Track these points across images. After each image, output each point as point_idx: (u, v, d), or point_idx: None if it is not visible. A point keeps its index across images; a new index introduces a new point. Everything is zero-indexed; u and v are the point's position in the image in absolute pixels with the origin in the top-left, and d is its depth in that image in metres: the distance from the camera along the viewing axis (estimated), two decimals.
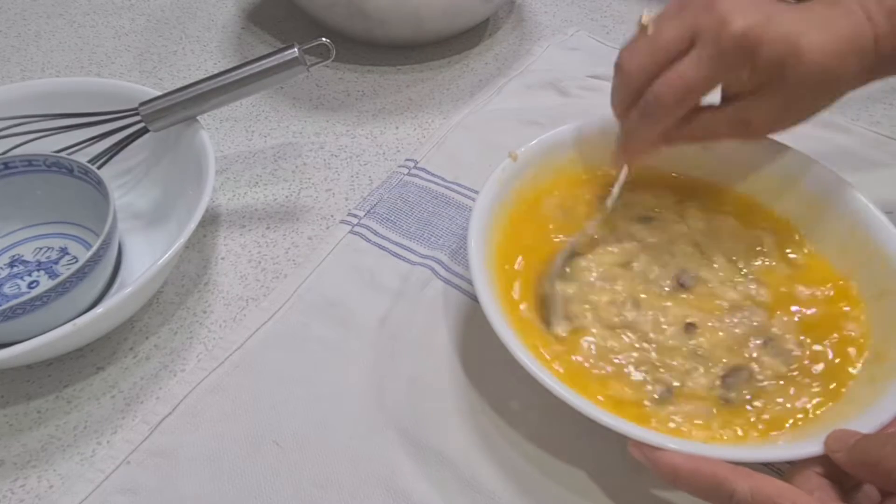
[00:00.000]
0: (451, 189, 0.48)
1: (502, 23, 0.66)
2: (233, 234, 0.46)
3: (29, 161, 0.41)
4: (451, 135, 0.52)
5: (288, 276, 0.43)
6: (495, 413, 0.37)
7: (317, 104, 0.57)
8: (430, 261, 0.43)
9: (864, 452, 0.28)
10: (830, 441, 0.29)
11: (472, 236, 0.36)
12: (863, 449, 0.28)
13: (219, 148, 0.52)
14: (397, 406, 0.37)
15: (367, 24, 0.57)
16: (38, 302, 0.34)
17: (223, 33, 0.64)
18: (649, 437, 0.29)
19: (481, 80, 0.59)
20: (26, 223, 0.43)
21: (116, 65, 0.60)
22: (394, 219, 0.46)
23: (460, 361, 0.39)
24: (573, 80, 0.57)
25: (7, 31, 0.63)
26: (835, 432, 0.29)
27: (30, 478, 0.34)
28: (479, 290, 0.34)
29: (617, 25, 0.66)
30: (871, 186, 0.38)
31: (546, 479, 0.34)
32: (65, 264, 0.42)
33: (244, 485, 0.34)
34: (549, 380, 0.31)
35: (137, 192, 0.47)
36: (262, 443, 0.35)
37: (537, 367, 0.31)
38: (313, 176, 0.50)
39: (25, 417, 0.37)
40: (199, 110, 0.43)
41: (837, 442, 0.29)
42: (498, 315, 0.33)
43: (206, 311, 0.42)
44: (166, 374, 0.39)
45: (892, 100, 0.56)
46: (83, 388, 0.38)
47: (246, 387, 0.37)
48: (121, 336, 0.40)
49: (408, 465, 0.34)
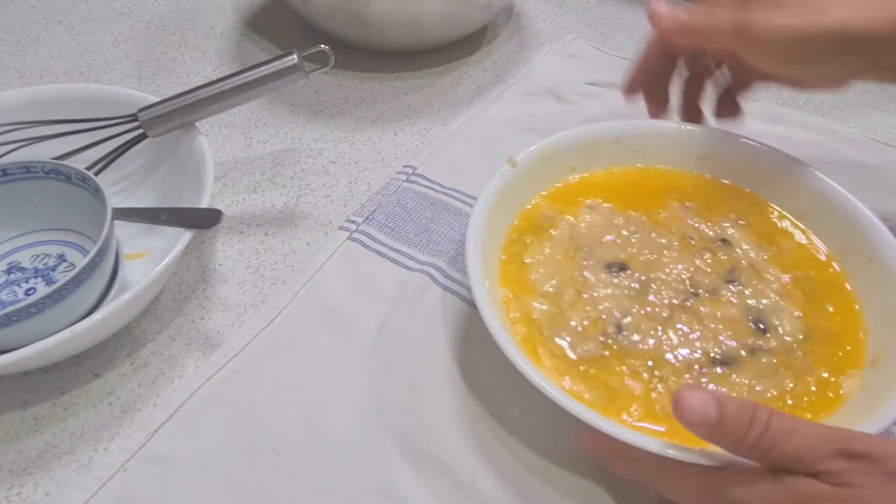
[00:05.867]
0: (450, 195, 0.48)
1: (501, 30, 0.67)
2: (231, 241, 0.46)
3: (27, 168, 0.41)
4: (450, 141, 0.52)
5: (286, 283, 0.43)
6: (494, 420, 0.36)
7: (315, 111, 0.57)
8: (428, 267, 0.43)
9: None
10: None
11: (470, 241, 0.36)
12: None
13: (217, 154, 0.52)
14: (396, 413, 0.37)
15: (366, 31, 0.58)
16: (34, 309, 0.34)
17: (222, 40, 0.65)
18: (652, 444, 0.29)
19: (480, 86, 0.59)
20: (24, 230, 0.43)
21: (115, 71, 0.60)
22: (392, 225, 0.46)
23: (459, 368, 0.39)
24: (571, 87, 0.57)
25: (6, 37, 0.63)
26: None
27: (26, 485, 0.34)
28: (478, 297, 0.34)
29: (615, 33, 0.66)
30: (869, 193, 0.38)
31: (545, 486, 0.34)
32: (62, 271, 0.42)
33: (241, 492, 0.34)
34: (550, 387, 0.31)
35: (136, 197, 0.47)
36: (260, 450, 0.35)
37: (537, 375, 0.31)
38: (312, 182, 0.50)
39: (22, 424, 0.37)
40: (198, 116, 0.43)
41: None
42: (496, 322, 0.33)
43: (204, 318, 0.41)
44: (164, 380, 0.38)
45: (889, 107, 0.56)
46: (80, 395, 0.38)
47: (244, 394, 0.37)
48: (118, 343, 0.40)
49: (406, 472, 0.34)
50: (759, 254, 0.39)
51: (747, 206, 0.41)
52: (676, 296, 0.37)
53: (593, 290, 0.37)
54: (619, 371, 0.34)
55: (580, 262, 0.39)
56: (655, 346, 0.35)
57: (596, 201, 0.42)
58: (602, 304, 0.37)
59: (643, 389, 0.33)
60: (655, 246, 0.39)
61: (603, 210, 0.41)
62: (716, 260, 0.39)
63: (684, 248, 0.39)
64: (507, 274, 0.38)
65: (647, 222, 0.41)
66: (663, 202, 0.42)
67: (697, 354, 0.35)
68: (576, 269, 0.38)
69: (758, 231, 0.40)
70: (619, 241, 0.40)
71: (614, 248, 0.39)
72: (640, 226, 0.41)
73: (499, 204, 0.39)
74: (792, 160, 0.40)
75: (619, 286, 0.37)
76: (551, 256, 0.39)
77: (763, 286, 0.37)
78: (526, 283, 0.38)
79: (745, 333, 0.36)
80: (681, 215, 0.41)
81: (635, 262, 0.39)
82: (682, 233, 0.40)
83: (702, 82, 0.44)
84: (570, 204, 0.42)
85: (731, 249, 0.39)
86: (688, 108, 0.45)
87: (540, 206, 0.41)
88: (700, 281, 0.38)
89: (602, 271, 0.38)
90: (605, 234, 0.40)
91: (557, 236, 0.40)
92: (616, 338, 0.35)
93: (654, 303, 0.37)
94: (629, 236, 0.40)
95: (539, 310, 0.36)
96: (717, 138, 0.42)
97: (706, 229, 0.40)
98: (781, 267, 0.38)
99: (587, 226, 0.40)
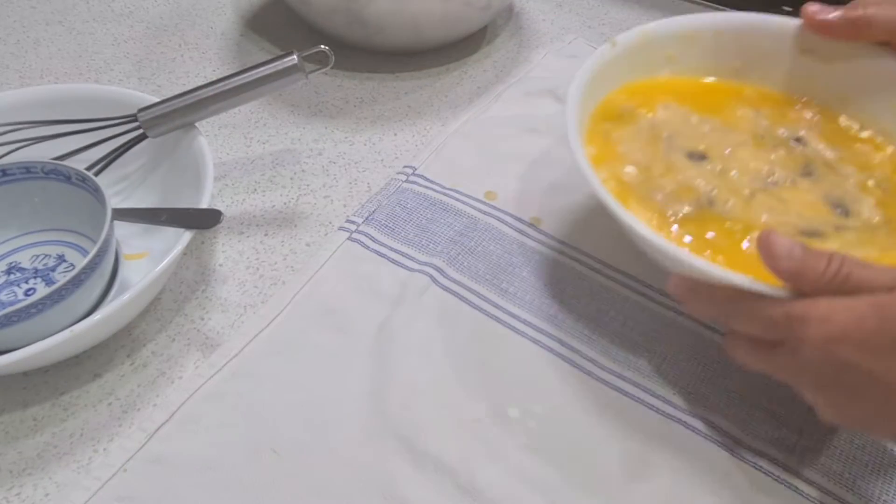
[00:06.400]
0: (450, 196, 0.48)
1: (500, 30, 0.67)
2: (231, 241, 0.46)
3: (27, 168, 0.41)
4: (450, 141, 0.53)
5: (286, 283, 0.43)
6: (494, 420, 0.36)
7: (315, 111, 0.57)
8: (428, 267, 0.43)
9: None
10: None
11: (571, 101, 0.37)
12: None
13: (217, 154, 0.52)
14: (396, 413, 0.37)
15: (366, 32, 0.58)
16: (33, 309, 0.34)
17: (222, 40, 0.65)
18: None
19: (479, 87, 0.59)
20: (24, 230, 0.43)
21: (115, 72, 0.60)
22: (392, 225, 0.46)
23: (459, 368, 0.39)
24: None
25: (6, 38, 0.63)
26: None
27: (25, 486, 0.34)
28: (574, 144, 0.35)
29: (614, 33, 0.66)
30: None
31: (545, 486, 0.34)
32: (62, 271, 0.42)
33: (241, 493, 0.34)
34: (645, 229, 0.32)
35: (135, 198, 0.47)
36: (260, 450, 0.35)
37: (632, 219, 0.32)
38: (312, 182, 0.50)
39: (21, 425, 0.37)
40: (198, 117, 0.43)
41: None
42: (592, 172, 0.34)
43: (204, 318, 0.41)
44: (164, 381, 0.38)
45: None
46: (80, 396, 0.38)
47: (244, 394, 0.37)
48: (118, 343, 0.40)
49: (406, 472, 0.34)
50: (835, 153, 0.40)
51: (824, 119, 0.42)
52: (756, 182, 0.38)
53: (680, 172, 0.39)
54: (709, 228, 0.36)
55: (663, 147, 0.40)
56: (743, 213, 0.37)
57: (671, 103, 0.43)
58: (691, 179, 0.38)
59: (731, 243, 0.35)
60: (731, 142, 0.41)
61: (678, 110, 0.43)
62: (791, 156, 0.40)
63: (759, 145, 0.41)
64: (595, 143, 0.40)
65: (720, 123, 0.42)
66: (738, 108, 0.43)
67: (784, 228, 0.36)
68: (660, 152, 0.40)
69: (833, 138, 0.41)
70: (697, 136, 0.41)
71: (693, 139, 0.41)
72: (714, 125, 0.42)
73: (592, 82, 0.39)
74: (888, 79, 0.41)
75: (698, 171, 0.39)
76: (636, 138, 0.41)
77: (840, 180, 0.39)
78: (614, 154, 0.39)
79: (827, 215, 0.37)
80: (754, 119, 0.42)
81: (713, 153, 0.40)
82: (755, 132, 0.42)
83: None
84: (647, 100, 0.43)
85: (806, 148, 0.41)
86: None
87: (619, 98, 0.43)
88: (777, 172, 0.39)
89: (684, 158, 0.40)
90: (683, 128, 0.42)
91: (639, 125, 0.42)
92: (706, 205, 0.37)
93: (736, 185, 0.38)
94: (705, 132, 0.41)
95: (630, 174, 0.38)
96: (819, 41, 0.42)
97: (782, 132, 0.41)
98: (858, 167, 0.39)
99: (665, 120, 0.42)
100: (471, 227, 0.46)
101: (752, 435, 0.36)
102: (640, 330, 0.41)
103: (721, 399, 0.37)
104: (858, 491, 0.34)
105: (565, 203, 0.48)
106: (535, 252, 0.45)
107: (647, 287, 0.43)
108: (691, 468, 0.35)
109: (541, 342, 0.40)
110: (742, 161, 0.39)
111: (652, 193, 0.37)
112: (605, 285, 0.43)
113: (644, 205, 0.37)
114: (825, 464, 0.35)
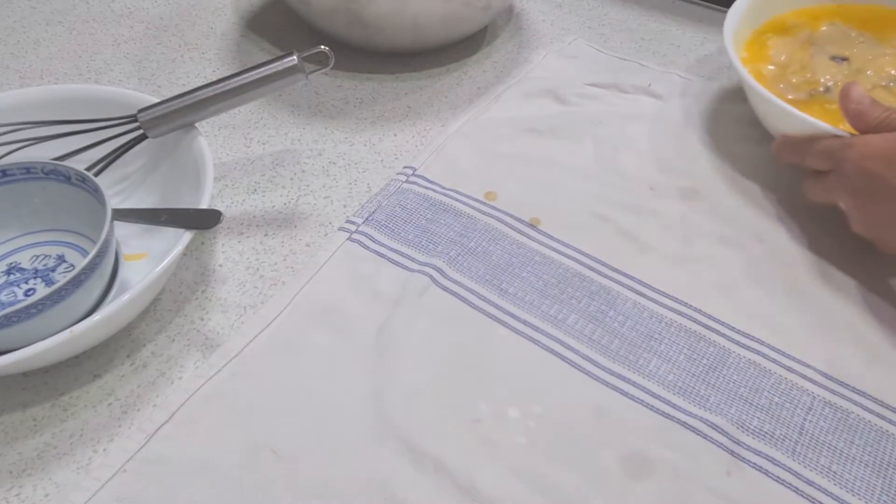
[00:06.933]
0: (450, 196, 0.48)
1: (500, 31, 0.67)
2: (231, 242, 0.46)
3: (27, 168, 0.41)
4: (450, 142, 0.53)
5: (286, 284, 0.43)
6: (495, 421, 0.36)
7: (315, 111, 0.57)
8: (428, 268, 0.43)
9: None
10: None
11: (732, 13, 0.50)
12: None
13: (217, 155, 0.52)
14: (396, 414, 0.37)
15: (366, 32, 0.58)
16: (33, 309, 0.34)
17: (222, 41, 0.65)
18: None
19: (479, 87, 0.60)
20: (24, 230, 0.43)
21: (115, 72, 0.60)
22: (392, 226, 0.46)
23: (459, 368, 0.39)
24: (571, 88, 0.57)
25: (6, 38, 0.63)
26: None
27: (25, 486, 0.34)
28: (727, 38, 0.47)
29: (614, 34, 0.66)
30: None
31: (545, 486, 0.34)
32: (62, 272, 0.42)
33: (241, 494, 0.34)
34: (766, 92, 0.44)
35: (135, 198, 0.47)
36: (260, 451, 0.35)
37: (759, 88, 0.44)
38: (312, 183, 0.50)
39: (21, 425, 0.37)
40: (198, 117, 0.43)
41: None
42: (736, 56, 0.46)
43: (204, 319, 0.41)
44: (163, 381, 0.38)
45: None
46: (80, 396, 0.38)
47: (243, 395, 0.37)
48: (118, 344, 0.40)
49: (406, 473, 0.34)
50: None
51: None
52: (882, 81, 0.46)
53: (815, 69, 0.48)
54: (817, 107, 0.46)
55: (811, 51, 0.50)
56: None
57: (837, 21, 0.53)
58: (819, 76, 0.48)
59: (833, 115, 0.44)
60: (878, 51, 0.49)
61: (841, 27, 0.52)
62: None
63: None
64: (749, 47, 0.51)
65: (876, 39, 0.51)
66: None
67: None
68: (806, 55, 0.50)
69: None
70: (847, 44, 0.50)
71: (843, 47, 0.50)
72: (869, 39, 0.51)
73: (756, 4, 0.51)
74: None
75: (837, 69, 0.48)
76: (789, 44, 0.51)
77: None
78: (764, 56, 0.51)
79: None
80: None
81: (857, 57, 0.49)
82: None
83: None
84: (814, 20, 0.53)
85: None
86: None
87: (790, 17, 0.53)
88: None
89: (827, 59, 0.49)
90: (838, 39, 0.51)
91: (797, 36, 0.52)
92: (821, 93, 0.47)
93: (861, 81, 0.46)
94: (857, 43, 0.50)
95: (768, 69, 0.50)
96: None
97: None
98: None
99: (824, 33, 0.52)
100: (471, 227, 0.46)
101: (753, 435, 0.36)
102: (640, 330, 0.41)
103: (721, 399, 0.37)
104: (858, 491, 0.34)
105: (565, 203, 0.48)
106: (535, 252, 0.45)
107: (647, 287, 0.43)
108: (691, 468, 0.35)
109: (541, 342, 0.40)
110: (879, 66, 0.48)
111: (778, 83, 0.48)
112: (605, 285, 0.43)
113: (770, 89, 0.46)
114: (825, 464, 0.35)
